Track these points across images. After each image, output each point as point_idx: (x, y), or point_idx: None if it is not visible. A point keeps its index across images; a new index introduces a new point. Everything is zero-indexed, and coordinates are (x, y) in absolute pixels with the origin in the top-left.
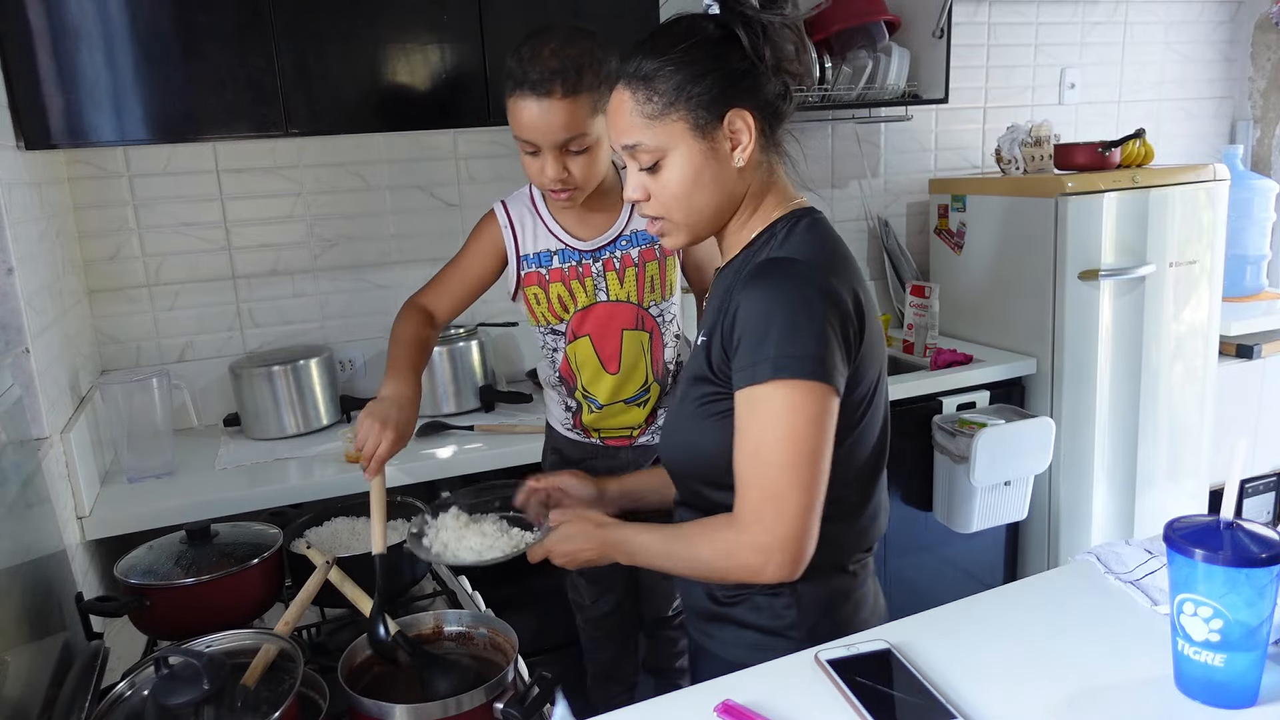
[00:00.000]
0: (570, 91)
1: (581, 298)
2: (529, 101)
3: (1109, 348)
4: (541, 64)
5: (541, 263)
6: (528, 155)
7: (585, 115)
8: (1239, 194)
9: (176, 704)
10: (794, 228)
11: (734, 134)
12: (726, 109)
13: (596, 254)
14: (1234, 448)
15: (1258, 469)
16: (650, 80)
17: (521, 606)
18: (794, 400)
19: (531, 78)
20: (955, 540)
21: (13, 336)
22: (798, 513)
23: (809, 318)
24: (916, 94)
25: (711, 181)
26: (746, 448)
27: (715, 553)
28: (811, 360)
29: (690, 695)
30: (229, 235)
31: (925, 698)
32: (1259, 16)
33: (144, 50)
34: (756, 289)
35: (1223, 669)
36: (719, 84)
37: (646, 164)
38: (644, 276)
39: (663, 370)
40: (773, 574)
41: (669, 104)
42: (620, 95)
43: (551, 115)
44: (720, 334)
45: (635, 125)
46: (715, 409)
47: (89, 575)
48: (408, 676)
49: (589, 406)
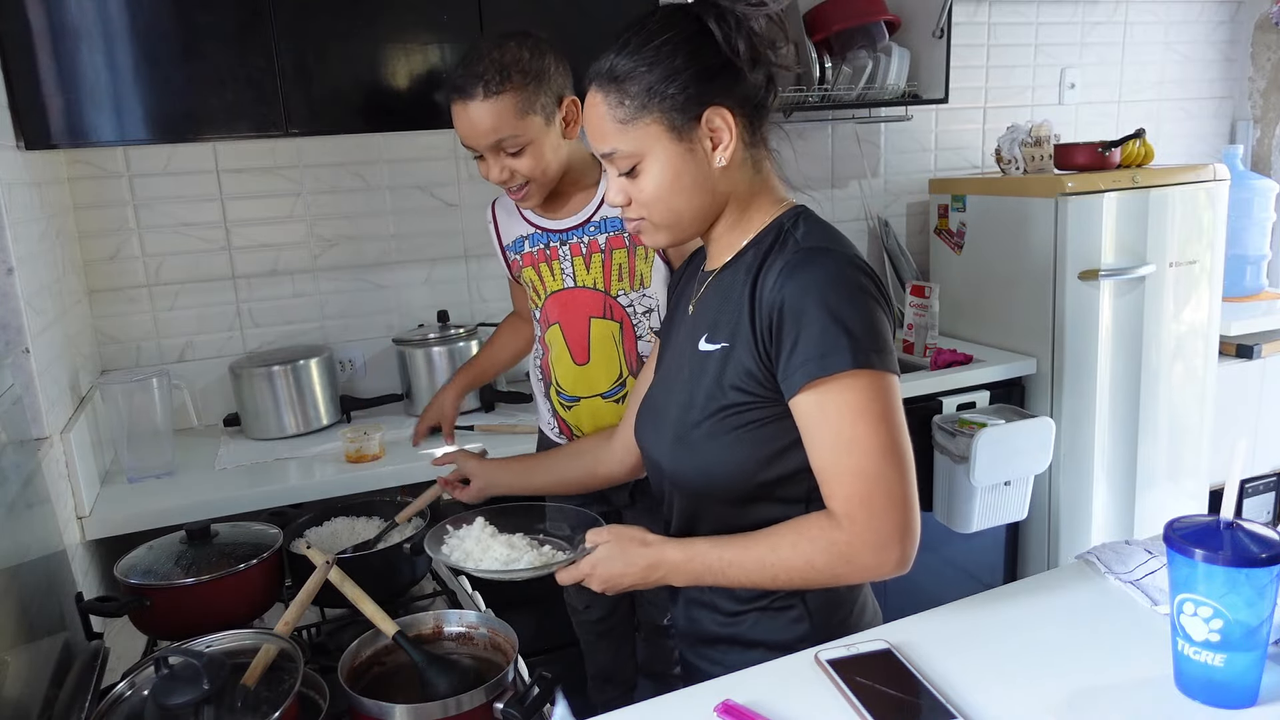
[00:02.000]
0: (493, 92)
1: (550, 282)
2: (457, 106)
3: (1109, 348)
4: (469, 69)
5: (518, 249)
6: (476, 159)
7: (511, 115)
8: (1239, 194)
9: (176, 704)
10: (802, 221)
11: (714, 133)
12: (703, 108)
13: (564, 236)
14: (1234, 448)
15: (1258, 469)
16: (621, 83)
17: (521, 606)
18: (879, 387)
19: (457, 83)
20: (955, 540)
21: (13, 336)
22: (906, 500)
23: (869, 306)
24: (916, 94)
25: (692, 183)
26: (834, 440)
27: (828, 556)
28: (884, 348)
29: (690, 695)
30: (229, 235)
31: (925, 698)
32: (1259, 16)
33: (144, 50)
34: (807, 280)
35: (1223, 669)
36: (693, 83)
37: (624, 169)
38: (610, 264)
39: (638, 364)
40: (893, 568)
41: (641, 107)
42: (593, 99)
43: (476, 117)
44: (756, 335)
45: (609, 131)
46: (741, 421)
47: (89, 575)
48: (408, 676)
49: (562, 404)
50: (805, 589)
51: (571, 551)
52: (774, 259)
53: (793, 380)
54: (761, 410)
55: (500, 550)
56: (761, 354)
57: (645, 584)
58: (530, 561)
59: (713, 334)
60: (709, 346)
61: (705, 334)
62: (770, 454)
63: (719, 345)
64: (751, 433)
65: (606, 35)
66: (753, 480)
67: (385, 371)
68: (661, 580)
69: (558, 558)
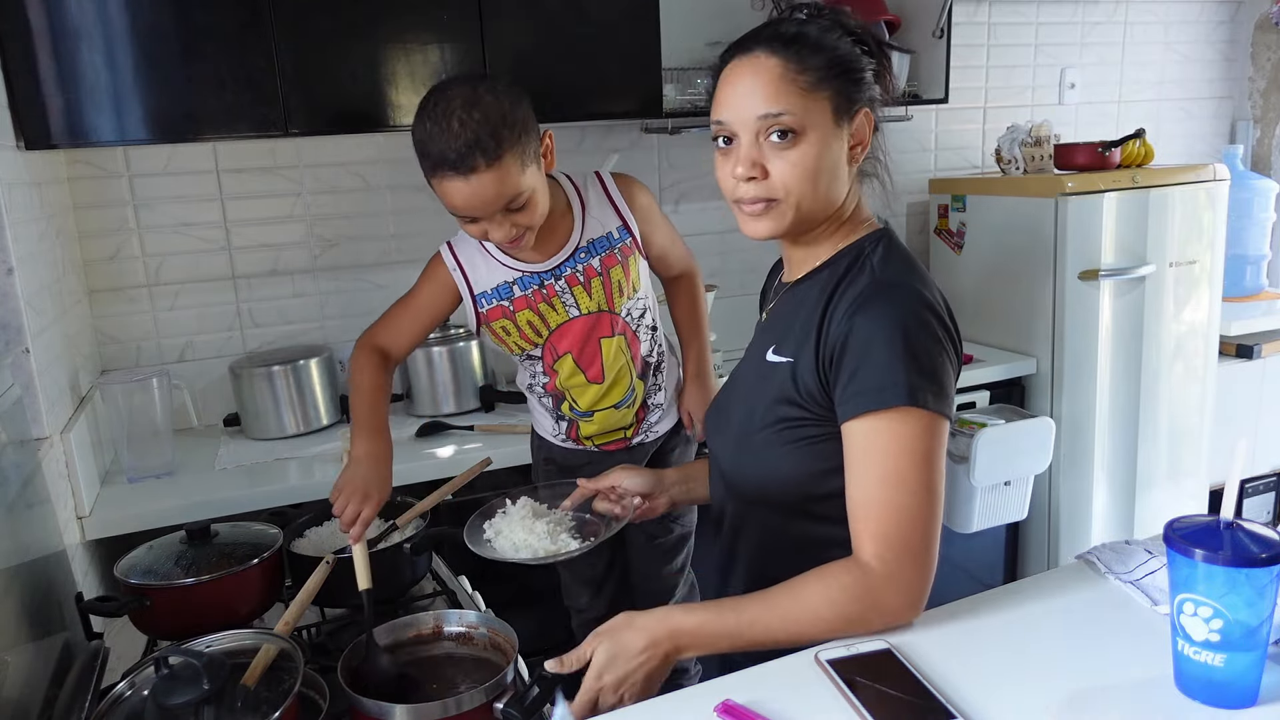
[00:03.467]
0: (493, 159)
1: (553, 317)
2: (455, 182)
3: (1109, 348)
4: (453, 139)
5: (502, 295)
6: (467, 223)
7: (515, 174)
8: (1239, 194)
9: (176, 704)
10: (882, 248)
11: (857, 133)
12: (861, 105)
13: (557, 271)
14: (1234, 448)
15: (1258, 469)
16: (806, 50)
17: (521, 606)
18: (929, 429)
19: (450, 158)
20: (955, 540)
21: (13, 336)
22: (932, 544)
23: (933, 349)
24: (916, 94)
25: (831, 172)
26: (877, 473)
27: (860, 605)
28: (942, 393)
29: (690, 695)
30: (229, 235)
31: (925, 698)
32: (1259, 16)
33: (144, 50)
34: (877, 315)
35: (1223, 669)
36: (864, 77)
37: (783, 131)
38: (610, 283)
39: (642, 366)
40: (912, 609)
41: (820, 80)
42: (764, 61)
43: (484, 189)
44: (819, 356)
45: (784, 92)
46: (797, 435)
47: (89, 575)
48: (408, 676)
49: (581, 421)
50: (828, 639)
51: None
52: (849, 285)
53: (847, 407)
54: (819, 427)
55: (519, 535)
56: (822, 377)
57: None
58: (532, 551)
59: (780, 346)
60: (776, 358)
61: (774, 345)
62: (824, 469)
63: (785, 358)
64: (808, 447)
65: (606, 35)
66: (805, 493)
67: None
68: (678, 653)
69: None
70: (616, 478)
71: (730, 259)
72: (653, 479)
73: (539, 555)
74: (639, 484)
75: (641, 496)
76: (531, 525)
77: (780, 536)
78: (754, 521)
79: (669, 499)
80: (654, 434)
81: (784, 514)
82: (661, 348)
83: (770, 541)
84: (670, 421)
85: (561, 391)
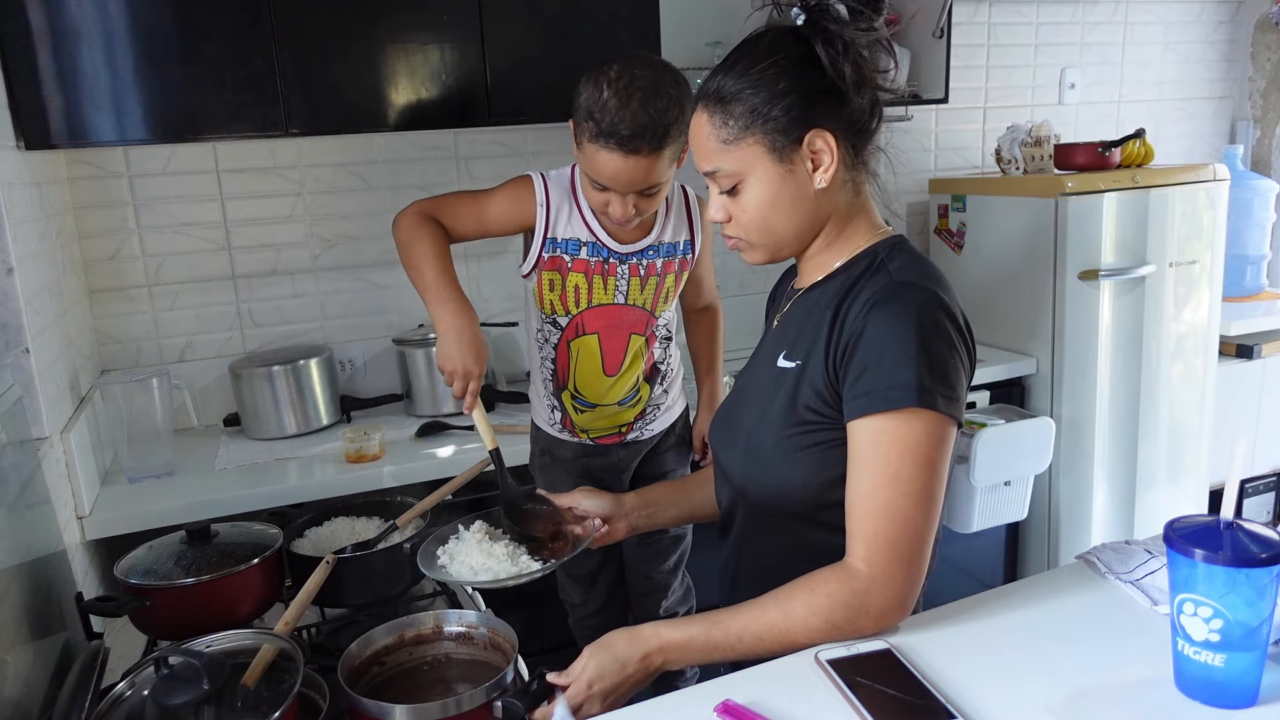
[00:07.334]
0: (655, 149)
1: (599, 294)
2: (613, 155)
3: (1109, 348)
4: (631, 118)
5: (568, 250)
6: (595, 190)
7: (664, 167)
8: (1239, 194)
9: (176, 704)
10: (897, 253)
11: (814, 155)
12: (805, 130)
13: (625, 257)
14: (1234, 448)
15: (1258, 469)
16: (727, 104)
17: (521, 606)
18: (935, 432)
19: (621, 132)
20: (955, 540)
21: (13, 336)
22: (924, 550)
23: (946, 350)
24: (916, 94)
25: (790, 204)
26: (878, 473)
27: (848, 611)
28: (952, 395)
29: (690, 695)
30: (229, 235)
31: (925, 698)
32: (1259, 16)
33: (144, 50)
34: (891, 313)
35: (1223, 669)
36: (797, 106)
37: (725, 187)
38: (662, 287)
39: (650, 370)
40: (899, 613)
41: (744, 128)
42: (699, 119)
43: (635, 171)
44: (830, 354)
45: (713, 150)
46: (809, 441)
47: (89, 575)
48: (408, 676)
49: (576, 407)
50: (813, 645)
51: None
52: (862, 287)
53: (854, 405)
54: (829, 432)
55: (476, 559)
56: (831, 375)
57: (648, 676)
58: (493, 573)
59: (791, 351)
60: (786, 364)
61: (784, 350)
62: (835, 477)
63: (795, 363)
64: (818, 453)
65: (605, 35)
66: (814, 501)
67: (385, 371)
68: (663, 667)
69: (532, 567)
70: (576, 498)
71: (730, 259)
72: (611, 503)
73: (500, 578)
74: (597, 507)
75: (600, 519)
76: (489, 548)
77: (790, 546)
78: (763, 531)
79: (628, 524)
80: (649, 432)
81: (794, 523)
82: (674, 359)
83: (780, 551)
84: (668, 421)
85: (567, 371)
